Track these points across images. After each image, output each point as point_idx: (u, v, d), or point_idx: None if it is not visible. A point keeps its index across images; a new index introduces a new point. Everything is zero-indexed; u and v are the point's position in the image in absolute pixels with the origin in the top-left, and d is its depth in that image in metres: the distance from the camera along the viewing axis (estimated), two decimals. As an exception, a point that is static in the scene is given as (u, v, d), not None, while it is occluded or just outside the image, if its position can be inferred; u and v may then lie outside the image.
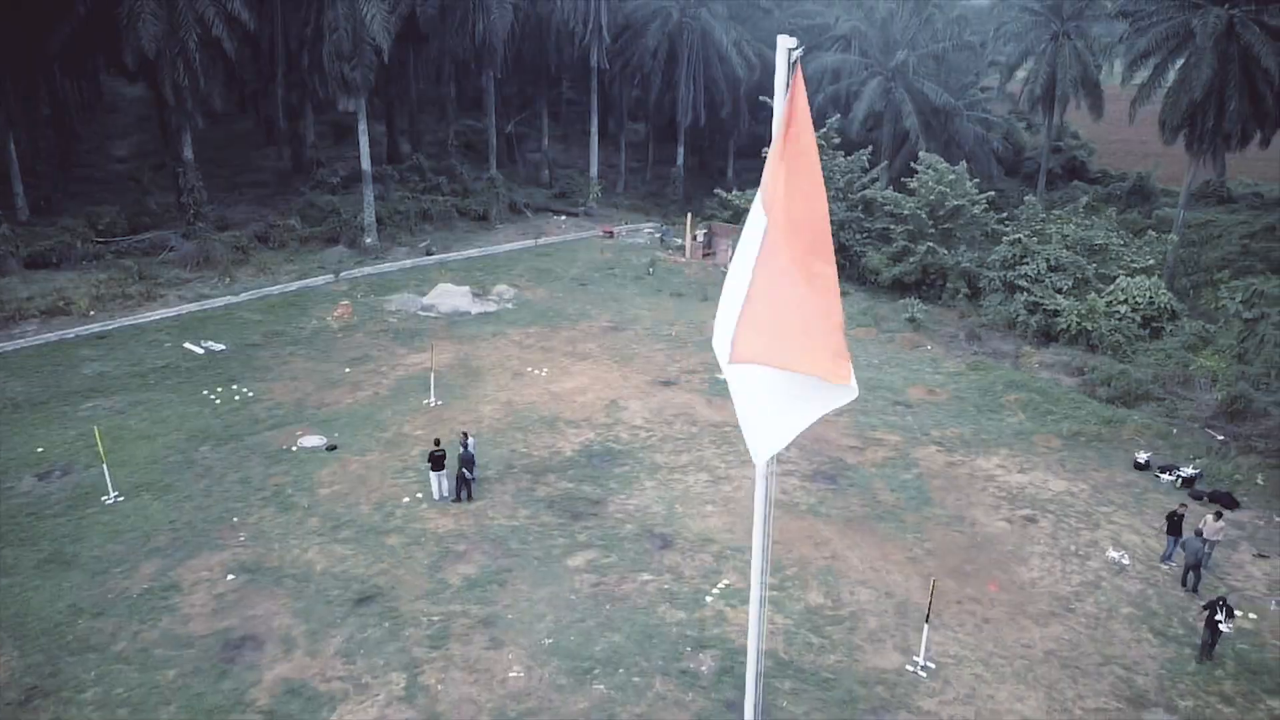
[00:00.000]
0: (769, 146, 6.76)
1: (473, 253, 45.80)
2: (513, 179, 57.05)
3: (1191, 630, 18.92)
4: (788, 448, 26.57)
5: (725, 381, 29.24)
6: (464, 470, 23.07)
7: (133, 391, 29.14)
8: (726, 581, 20.19)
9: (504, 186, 52.46)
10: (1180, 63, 47.70)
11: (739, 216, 49.75)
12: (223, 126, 61.39)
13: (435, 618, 18.82)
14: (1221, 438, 27.70)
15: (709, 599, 19.58)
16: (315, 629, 18.42)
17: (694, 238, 48.13)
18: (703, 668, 17.50)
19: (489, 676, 17.22)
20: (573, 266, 44.35)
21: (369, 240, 44.51)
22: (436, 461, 23.06)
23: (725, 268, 45.69)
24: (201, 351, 32.45)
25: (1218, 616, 17.77)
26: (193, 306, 36.90)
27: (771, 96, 40.61)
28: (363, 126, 43.84)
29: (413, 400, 29.04)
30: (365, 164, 44.21)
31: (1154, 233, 43.05)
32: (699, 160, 70.00)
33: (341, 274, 41.22)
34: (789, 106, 6.10)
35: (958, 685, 17.28)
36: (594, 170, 59.29)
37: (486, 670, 17.36)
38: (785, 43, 6.21)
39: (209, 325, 35.09)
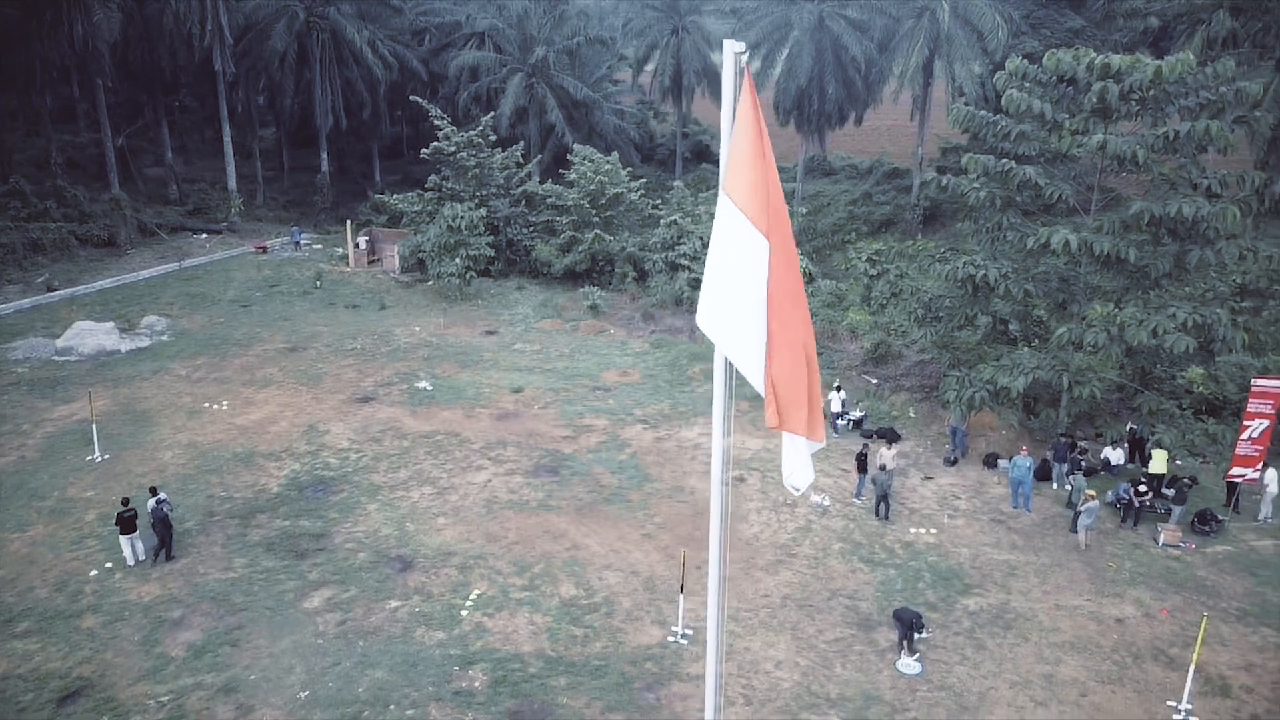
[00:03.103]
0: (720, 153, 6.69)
1: (106, 283, 40.64)
2: (136, 198, 51.18)
3: (890, 554, 21.55)
4: (505, 445, 26.67)
5: (423, 390, 28.02)
6: (157, 529, 20.57)
7: None
8: (478, 591, 19.85)
9: (129, 207, 46.94)
10: (785, 53, 53.47)
11: (396, 221, 48.43)
12: None
13: (164, 698, 16.72)
14: (875, 381, 31.64)
15: (464, 612, 19.15)
16: (14, 743, 15.69)
17: (356, 245, 46.23)
18: (475, 684, 17.12)
19: (245, 747, 15.66)
20: (229, 288, 40.86)
21: (-31, 281, 38.06)
22: (126, 524, 20.37)
23: (394, 274, 44.56)
24: None
25: (917, 634, 18.04)
26: None
27: (417, 95, 39.55)
28: (-57, 149, 37.24)
29: (72, 458, 25.37)
30: (-49, 192, 37.61)
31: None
32: (340, 165, 67.06)
33: (-60, 324, 34.91)
34: (751, 110, 5.98)
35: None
36: (232, 183, 54.82)
37: (241, 741, 15.77)
38: (732, 47, 6.12)
39: None
